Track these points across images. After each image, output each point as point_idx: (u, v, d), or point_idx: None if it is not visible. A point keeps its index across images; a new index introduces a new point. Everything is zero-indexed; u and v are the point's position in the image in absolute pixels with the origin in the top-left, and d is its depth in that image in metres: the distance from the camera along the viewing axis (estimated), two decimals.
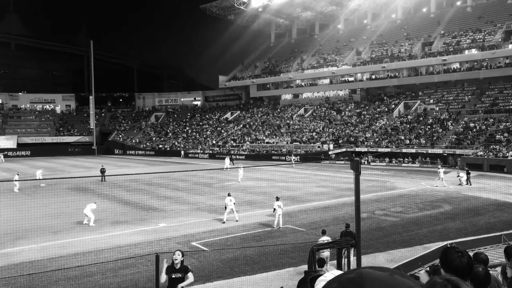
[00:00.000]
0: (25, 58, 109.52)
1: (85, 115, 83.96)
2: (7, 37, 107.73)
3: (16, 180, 28.75)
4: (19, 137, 75.66)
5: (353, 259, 10.64)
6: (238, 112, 78.08)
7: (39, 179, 31.48)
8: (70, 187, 31.16)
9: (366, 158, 46.57)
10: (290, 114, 69.08)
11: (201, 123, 77.97)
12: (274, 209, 18.34)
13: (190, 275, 8.36)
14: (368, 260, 12.56)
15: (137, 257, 13.83)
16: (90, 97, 79.36)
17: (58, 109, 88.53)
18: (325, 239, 12.25)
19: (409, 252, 14.09)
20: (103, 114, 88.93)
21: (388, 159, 47.12)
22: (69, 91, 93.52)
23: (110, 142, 78.79)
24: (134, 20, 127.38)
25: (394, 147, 48.04)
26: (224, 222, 19.25)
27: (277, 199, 18.60)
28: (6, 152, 66.45)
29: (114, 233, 17.76)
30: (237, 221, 19.37)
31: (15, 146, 72.77)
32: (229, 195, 20.07)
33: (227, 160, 44.95)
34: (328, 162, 48.58)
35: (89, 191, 29.40)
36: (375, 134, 52.89)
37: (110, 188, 30.05)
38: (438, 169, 30.87)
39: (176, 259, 8.39)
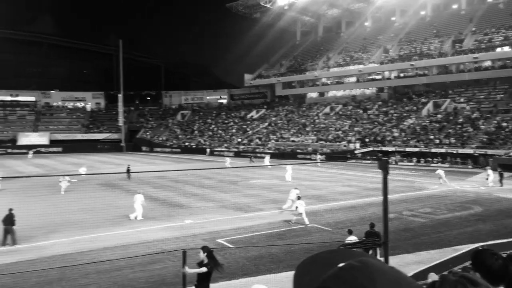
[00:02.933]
0: (57, 57, 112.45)
1: (114, 112, 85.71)
2: (40, 37, 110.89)
3: (64, 177, 28.71)
4: (51, 133, 77.93)
5: (380, 260, 10.51)
6: (264, 110, 78.11)
7: (81, 174, 32.01)
8: (100, 183, 31.83)
9: (394, 158, 45.82)
10: (315, 112, 68.63)
11: (226, 121, 78.38)
12: (296, 207, 18.54)
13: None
14: (395, 261, 12.37)
15: (164, 253, 14.05)
16: (119, 95, 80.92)
17: (88, 107, 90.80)
18: (352, 239, 12.16)
19: (438, 254, 13.79)
20: (132, 110, 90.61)
21: (416, 159, 46.21)
22: (99, 89, 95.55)
23: (138, 140, 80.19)
24: (162, 20, 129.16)
25: (423, 146, 47.11)
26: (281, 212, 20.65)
27: (299, 198, 18.93)
28: (39, 149, 68.43)
29: (142, 229, 18.09)
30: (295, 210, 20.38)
31: (47, 143, 74.97)
32: (296, 188, 21.31)
33: (228, 160, 45.09)
34: (354, 161, 48.05)
35: (117, 187, 30.01)
36: (403, 133, 51.97)
37: (137, 184, 30.53)
38: (436, 172, 31.14)
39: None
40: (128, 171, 33.42)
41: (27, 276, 12.12)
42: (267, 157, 46.66)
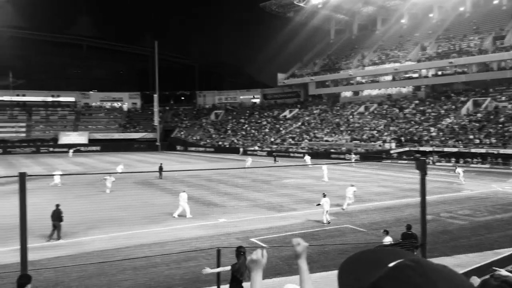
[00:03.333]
0: (95, 59, 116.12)
1: (150, 112, 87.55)
2: (80, 39, 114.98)
3: (110, 175, 28.59)
4: (90, 133, 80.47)
5: None
6: (297, 109, 77.78)
7: (117, 173, 32.78)
8: (136, 181, 32.61)
9: (431, 158, 44.61)
10: (349, 111, 67.75)
11: (259, 121, 78.55)
12: (318, 204, 18.88)
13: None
14: None
15: (198, 251, 14.24)
16: (154, 95, 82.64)
17: (125, 107, 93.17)
18: (389, 240, 11.95)
19: (478, 258, 13.35)
20: (167, 109, 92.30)
21: (455, 159, 44.81)
22: (135, 89, 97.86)
23: (172, 139, 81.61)
24: (195, 20, 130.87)
25: (462, 146, 45.65)
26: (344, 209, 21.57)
27: (324, 195, 19.00)
28: (78, 147, 70.69)
29: (177, 226, 18.40)
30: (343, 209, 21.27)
31: (86, 142, 77.45)
32: (352, 185, 22.36)
33: (249, 160, 44.12)
34: (389, 161, 47.11)
35: (153, 185, 30.66)
36: (441, 133, 50.54)
37: (172, 183, 31.10)
38: (456, 171, 31.38)
39: None
40: (160, 170, 33.56)
41: (68, 270, 12.58)
42: (308, 157, 45.73)
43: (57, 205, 16.54)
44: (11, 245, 13.73)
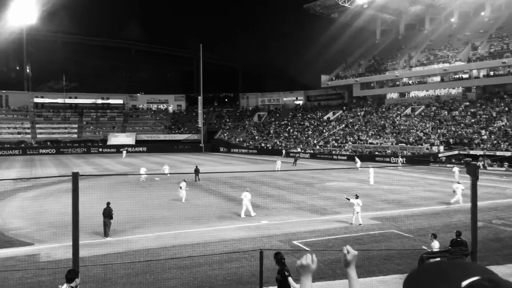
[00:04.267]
0: (143, 62, 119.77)
1: (194, 114, 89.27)
2: (128, 44, 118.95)
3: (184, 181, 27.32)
4: (137, 134, 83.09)
5: None
6: (340, 111, 76.72)
7: (166, 174, 33.74)
8: (180, 181, 33.19)
9: (482, 162, 42.67)
10: (395, 113, 66.04)
11: (302, 123, 78.13)
12: (348, 199, 19.22)
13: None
14: None
15: (241, 252, 14.33)
16: (199, 97, 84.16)
17: (170, 109, 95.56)
18: (437, 245, 11.59)
19: None
20: (211, 111, 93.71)
21: (508, 163, 42.64)
22: (180, 92, 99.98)
23: (216, 140, 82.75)
24: (238, 23, 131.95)
25: None
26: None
27: (357, 197, 19.01)
28: (126, 148, 73.13)
29: (219, 227, 18.59)
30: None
31: (134, 143, 80.00)
32: (458, 183, 23.29)
33: (279, 162, 43.24)
34: (437, 165, 45.48)
35: (197, 186, 31.15)
36: (492, 136, 48.25)
37: (216, 184, 31.50)
38: (452, 170, 32.68)
39: None
40: (196, 172, 33.61)
41: (116, 267, 13.01)
42: (358, 160, 44.37)
43: (108, 203, 17.13)
44: (63, 242, 14.41)
